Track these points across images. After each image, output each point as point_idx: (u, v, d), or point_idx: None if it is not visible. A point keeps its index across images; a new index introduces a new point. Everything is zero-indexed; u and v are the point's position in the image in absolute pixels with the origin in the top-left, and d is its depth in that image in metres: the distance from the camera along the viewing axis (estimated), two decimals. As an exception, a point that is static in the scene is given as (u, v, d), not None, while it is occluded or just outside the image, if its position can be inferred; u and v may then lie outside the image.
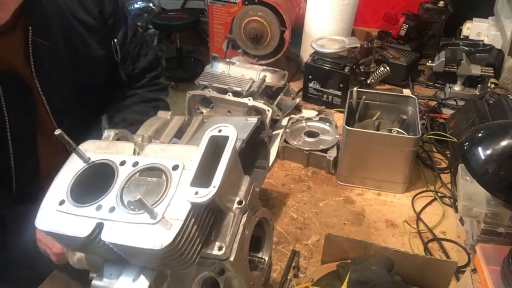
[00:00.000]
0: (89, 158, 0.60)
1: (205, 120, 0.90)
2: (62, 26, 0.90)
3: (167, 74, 3.44)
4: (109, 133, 0.67)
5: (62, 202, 0.56)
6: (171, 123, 0.89)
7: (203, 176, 0.53)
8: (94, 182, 0.58)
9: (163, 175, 0.55)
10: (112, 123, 1.07)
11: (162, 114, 0.91)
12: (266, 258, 0.70)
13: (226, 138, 0.56)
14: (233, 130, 0.56)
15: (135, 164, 0.57)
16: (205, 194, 0.51)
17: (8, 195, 0.90)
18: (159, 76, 1.18)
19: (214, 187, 0.51)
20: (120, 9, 1.02)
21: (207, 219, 0.55)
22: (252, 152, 0.95)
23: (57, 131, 0.57)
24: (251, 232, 0.61)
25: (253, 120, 0.86)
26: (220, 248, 0.55)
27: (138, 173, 0.57)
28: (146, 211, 0.51)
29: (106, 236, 0.52)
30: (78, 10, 0.93)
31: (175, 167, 0.56)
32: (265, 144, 0.95)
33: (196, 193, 0.51)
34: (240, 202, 0.58)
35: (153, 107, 1.10)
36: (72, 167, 0.60)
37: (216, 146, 0.56)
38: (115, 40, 1.02)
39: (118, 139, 0.66)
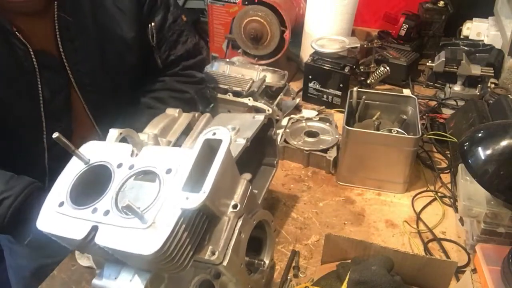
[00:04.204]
0: (89, 160, 0.60)
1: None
2: (91, 2, 0.90)
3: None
4: (113, 132, 0.66)
5: (61, 204, 0.56)
6: (179, 121, 0.89)
7: (198, 179, 0.53)
8: (95, 183, 0.58)
9: (157, 179, 0.55)
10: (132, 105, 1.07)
11: (170, 111, 0.91)
12: (267, 261, 0.70)
13: (219, 142, 0.55)
14: (226, 133, 0.56)
15: (131, 167, 0.57)
16: (195, 200, 0.50)
17: (41, 174, 0.91)
18: (195, 66, 1.15)
19: (204, 192, 0.51)
20: None
21: (200, 224, 0.55)
22: (260, 149, 0.95)
23: (55, 135, 0.57)
24: (248, 236, 0.61)
25: (260, 117, 0.85)
26: (212, 253, 0.55)
27: (133, 177, 0.56)
28: (136, 216, 0.51)
29: (100, 239, 0.52)
30: None
31: (169, 171, 0.55)
32: (273, 141, 0.94)
33: (187, 198, 0.51)
34: (235, 206, 0.58)
35: (175, 97, 1.08)
36: (73, 169, 0.60)
37: (212, 149, 0.56)
38: (152, 24, 1.01)
39: (123, 139, 0.66)
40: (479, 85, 1.41)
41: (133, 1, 0.96)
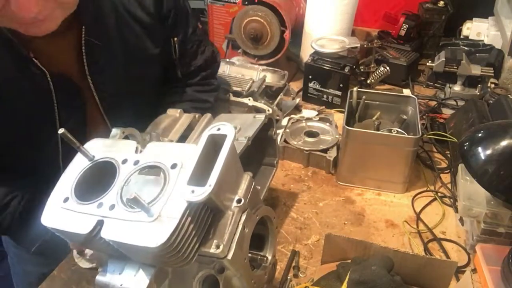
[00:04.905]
0: (94, 156, 0.60)
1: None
2: (116, 23, 0.89)
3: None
4: (116, 131, 0.67)
5: (66, 200, 0.57)
6: (180, 121, 0.89)
7: (202, 175, 0.53)
8: (99, 179, 0.59)
9: (162, 173, 0.56)
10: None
11: (171, 112, 0.91)
12: (269, 257, 0.70)
13: (224, 137, 0.56)
14: (231, 129, 0.56)
15: (136, 162, 0.58)
16: (201, 193, 0.51)
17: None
18: (212, 74, 1.16)
19: (209, 185, 0.51)
20: (180, 7, 1.00)
21: (205, 218, 0.55)
22: (260, 149, 0.95)
23: (61, 131, 0.57)
24: (252, 231, 0.61)
25: (261, 117, 0.86)
26: (217, 247, 0.55)
27: (138, 171, 0.57)
28: (142, 209, 0.51)
29: (105, 233, 0.52)
30: (134, 7, 0.91)
31: (174, 166, 0.56)
32: (273, 141, 0.95)
33: (192, 191, 0.51)
34: (239, 201, 0.58)
35: (196, 107, 1.08)
36: (78, 165, 0.60)
37: (216, 144, 0.56)
38: (175, 39, 1.01)
39: (126, 137, 0.66)
40: (479, 85, 1.41)
41: (155, 18, 0.95)
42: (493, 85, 1.38)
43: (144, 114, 1.04)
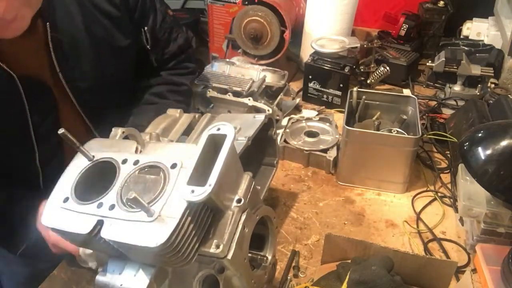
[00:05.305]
0: (93, 156, 0.60)
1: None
2: (83, 17, 0.89)
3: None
4: (116, 131, 0.67)
5: (66, 200, 0.57)
6: (180, 121, 0.89)
7: (202, 175, 0.53)
8: (99, 179, 0.59)
9: (162, 173, 0.56)
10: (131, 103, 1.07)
11: (171, 112, 0.91)
12: (269, 257, 0.70)
13: (224, 137, 0.56)
14: (231, 129, 0.56)
15: (136, 162, 0.58)
16: (201, 193, 0.51)
17: (37, 193, 0.91)
18: (188, 58, 1.16)
19: (209, 185, 0.51)
20: None
21: (205, 218, 0.55)
22: (260, 149, 0.95)
23: (60, 131, 0.57)
24: (252, 231, 0.61)
25: (261, 117, 0.86)
26: (217, 246, 0.55)
27: (138, 171, 0.57)
28: (142, 209, 0.51)
29: (105, 233, 0.53)
30: (100, 1, 0.91)
31: (173, 166, 0.56)
32: (273, 141, 0.95)
33: (192, 191, 0.51)
34: (239, 201, 0.58)
35: (172, 91, 1.09)
36: (78, 165, 0.61)
37: (216, 144, 0.56)
38: (145, 28, 1.01)
39: (126, 137, 0.67)
40: (479, 85, 1.41)
41: (123, 10, 0.95)
42: (493, 85, 1.38)
43: (121, 104, 1.03)
